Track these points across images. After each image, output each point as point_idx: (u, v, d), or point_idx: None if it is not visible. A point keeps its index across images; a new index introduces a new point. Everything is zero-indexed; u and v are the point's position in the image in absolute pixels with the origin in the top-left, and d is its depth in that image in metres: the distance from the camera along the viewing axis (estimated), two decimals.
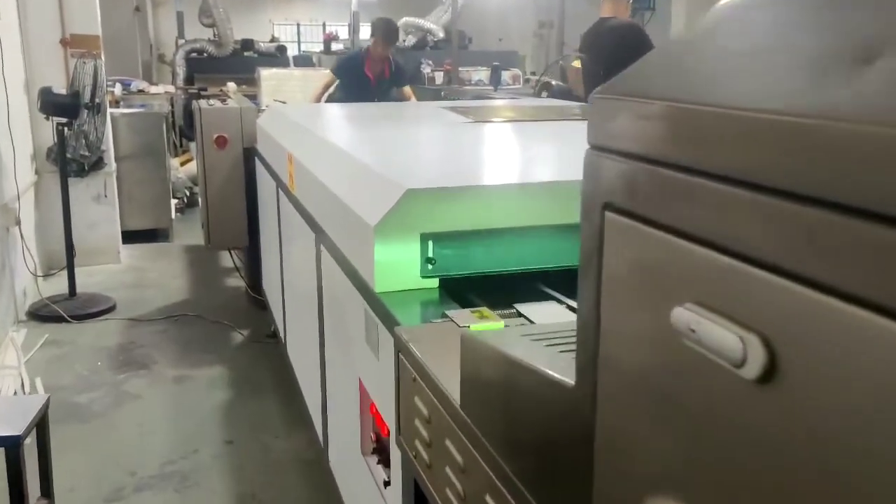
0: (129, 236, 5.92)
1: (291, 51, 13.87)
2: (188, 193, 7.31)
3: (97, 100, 4.44)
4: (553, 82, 5.34)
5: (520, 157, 2.41)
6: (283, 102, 5.22)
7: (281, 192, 3.20)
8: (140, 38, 10.90)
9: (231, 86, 5.37)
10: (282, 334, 3.52)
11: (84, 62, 4.45)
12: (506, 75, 10.36)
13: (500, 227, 1.72)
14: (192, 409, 3.36)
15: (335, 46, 13.59)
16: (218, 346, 4.08)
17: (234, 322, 4.38)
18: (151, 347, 4.03)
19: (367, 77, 5.66)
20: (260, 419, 3.27)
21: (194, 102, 4.58)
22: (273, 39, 14.39)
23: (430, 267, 1.71)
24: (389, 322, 1.61)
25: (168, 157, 6.45)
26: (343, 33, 18.45)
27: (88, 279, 5.12)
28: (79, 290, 4.72)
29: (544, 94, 5.31)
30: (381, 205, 1.71)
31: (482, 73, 10.43)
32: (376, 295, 1.69)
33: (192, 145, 8.35)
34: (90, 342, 4.10)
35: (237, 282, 5.02)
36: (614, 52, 5.40)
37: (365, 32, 12.78)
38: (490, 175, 2.01)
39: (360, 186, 1.92)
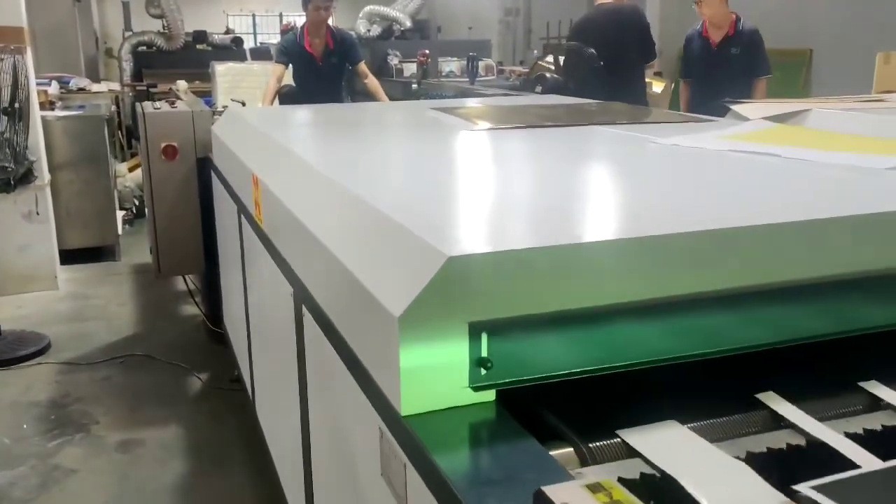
0: (70, 256, 5.21)
1: (248, 43, 13.09)
2: (137, 203, 6.59)
3: (18, 103, 3.74)
4: (547, 74, 4.76)
5: (605, 190, 1.64)
6: (242, 103, 4.56)
7: (244, 220, 2.57)
8: (82, 31, 10.07)
9: (181, 84, 4.70)
10: (248, 386, 2.88)
11: (2, 59, 3.74)
12: (453, 66, 9.79)
13: (589, 306, 1.14)
14: (142, 489, 2.72)
15: None
16: (173, 396, 3.44)
17: (191, 363, 3.73)
18: (91, 401, 3.37)
19: (310, 56, 5.04)
20: (228, 501, 2.65)
21: (137, 105, 3.91)
22: (228, 31, 13.58)
23: (483, 372, 1.11)
24: (423, 464, 1.03)
25: (112, 165, 5.73)
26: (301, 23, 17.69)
27: (18, 312, 4.42)
28: (4, 326, 4.03)
29: (538, 88, 4.73)
30: (407, 281, 1.10)
31: (453, 65, 9.84)
32: (401, 420, 1.09)
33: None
34: (15, 396, 3.42)
35: (193, 309, 4.36)
36: (618, 37, 4.86)
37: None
38: (575, 223, 1.31)
39: (369, 244, 1.31)
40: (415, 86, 7.78)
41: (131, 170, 7.02)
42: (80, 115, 5.30)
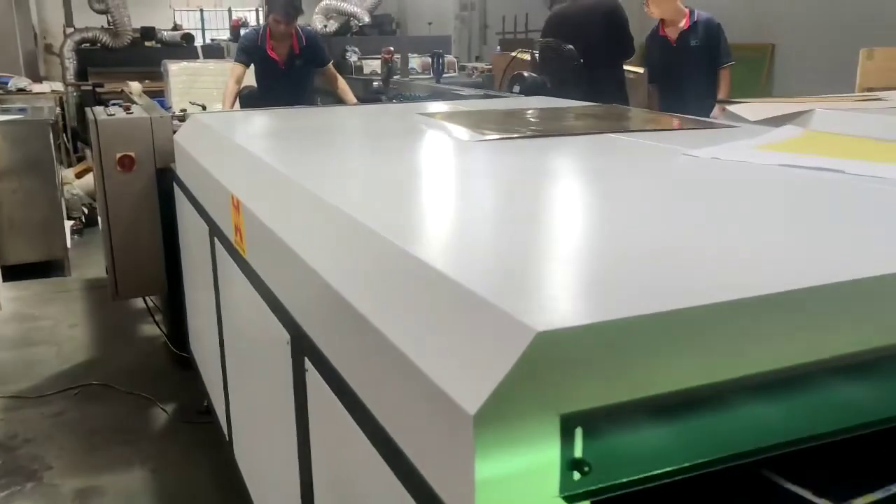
0: (13, 273, 4.81)
1: (197, 40, 12.59)
2: (86, 211, 6.18)
3: None
4: (525, 73, 4.52)
5: (697, 224, 1.29)
6: (203, 106, 4.23)
7: (218, 243, 2.28)
8: (20, 26, 9.49)
9: (135, 86, 4.34)
10: (223, 421, 2.59)
11: None
12: (415, 63, 9.52)
13: (717, 381, 0.90)
14: None
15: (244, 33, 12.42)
16: (135, 432, 3.11)
17: (154, 392, 3.41)
18: (43, 441, 3.03)
19: (272, 60, 4.73)
20: None
21: (88, 111, 3.55)
22: (176, 27, 13.06)
23: (577, 477, 0.87)
24: None
25: (58, 172, 5.32)
26: (252, 19, 17.20)
27: None
28: None
29: (516, 87, 4.49)
30: (482, 364, 0.85)
31: (415, 61, 9.56)
32: None
33: (89, 152, 7.17)
34: None
35: (153, 329, 4.02)
36: (600, 34, 4.65)
37: None
38: (694, 275, 1.00)
39: (421, 312, 1.04)
40: (376, 83, 7.49)
41: (79, 175, 6.59)
42: (21, 121, 4.90)
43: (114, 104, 5.65)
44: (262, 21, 9.60)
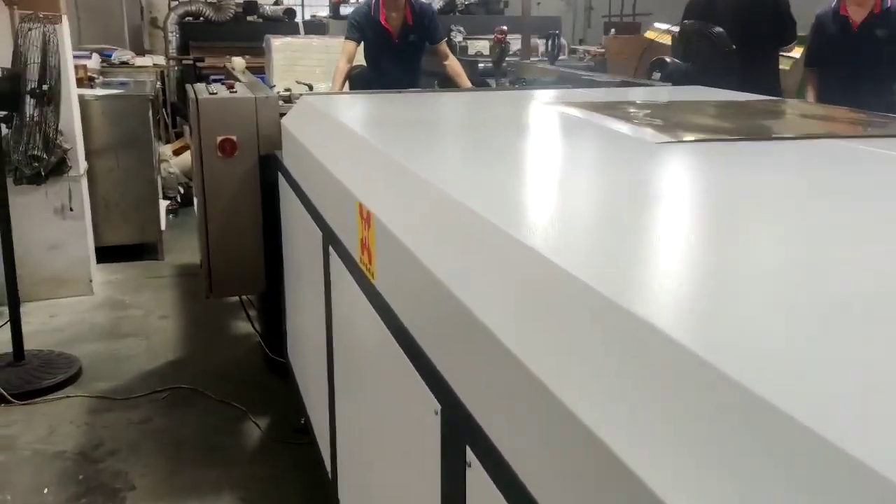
0: (107, 254, 4.61)
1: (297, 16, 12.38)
2: (182, 191, 5.98)
3: (48, 83, 3.10)
4: (667, 59, 4.00)
5: None
6: (309, 86, 3.87)
7: (334, 254, 1.90)
8: (127, 0, 9.46)
9: (238, 62, 4.03)
10: (326, 461, 2.22)
11: (30, 29, 3.10)
12: (539, 43, 9.00)
13: None
14: None
15: (345, 11, 12.13)
16: (225, 450, 2.79)
17: (245, 401, 3.09)
18: (128, 454, 2.74)
19: (385, 31, 4.33)
20: None
21: (189, 89, 3.24)
22: (277, 2, 12.90)
23: None
24: None
25: (156, 150, 5.10)
26: None
27: (48, 323, 3.83)
28: (33, 340, 3.44)
29: (656, 74, 3.97)
30: None
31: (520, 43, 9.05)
32: None
33: (188, 129, 7.00)
34: (37, 442, 2.81)
35: (247, 326, 3.72)
36: (756, 17, 4.08)
37: None
38: None
39: (661, 413, 0.59)
40: (481, 65, 7.04)
41: (176, 153, 6.41)
42: (122, 95, 4.67)
43: (214, 80, 5.40)
44: None
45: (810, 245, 1.05)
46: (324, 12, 17.07)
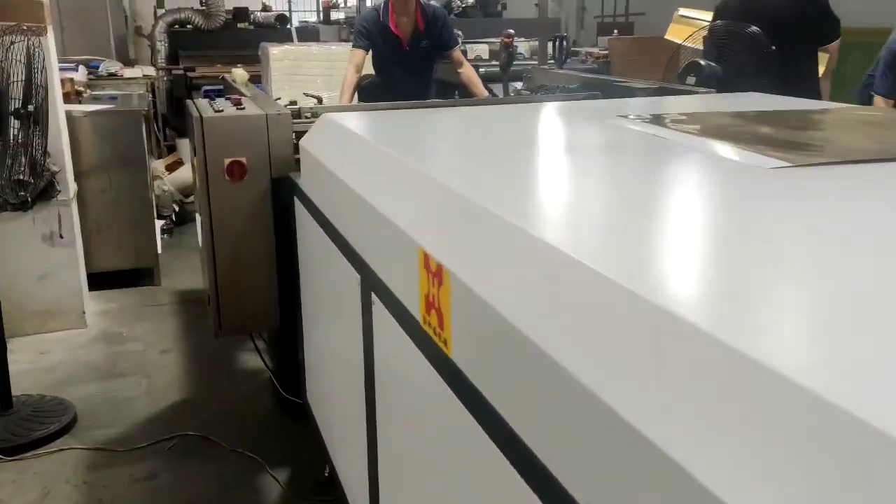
0: (100, 281, 4.29)
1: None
2: (176, 209, 5.66)
3: (33, 102, 2.79)
4: (702, 62, 3.73)
5: None
6: (318, 99, 3.58)
7: (381, 308, 1.61)
8: (111, 8, 9.12)
9: (239, 74, 3.73)
10: None
11: (12, 42, 2.79)
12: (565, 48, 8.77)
13: None
14: None
15: (335, 16, 11.83)
16: None
17: (260, 448, 2.80)
18: None
19: (396, 38, 4.05)
20: None
21: (189, 105, 2.94)
22: (265, 8, 12.58)
23: None
24: None
25: (150, 167, 4.79)
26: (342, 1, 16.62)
27: (38, 360, 3.52)
28: (22, 382, 3.14)
29: (690, 78, 3.70)
30: None
31: (523, 46, 8.79)
32: None
33: (181, 143, 6.69)
34: None
35: (255, 360, 3.42)
36: (792, 14, 3.82)
37: None
38: None
39: None
40: (482, 69, 6.76)
41: (170, 168, 6.10)
42: (113, 111, 4.36)
43: (208, 91, 5.09)
44: (359, 1, 8.91)
45: None
46: (312, 18, 16.83)
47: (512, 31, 5.96)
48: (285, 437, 2.91)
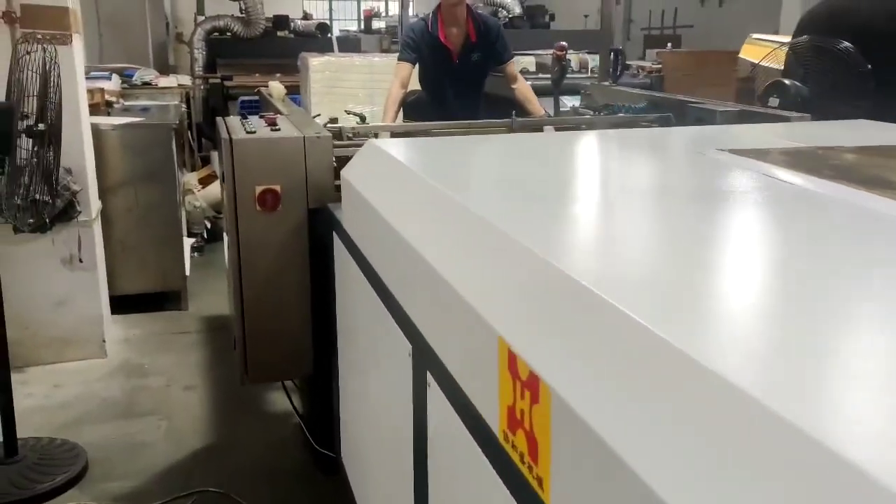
0: (123, 304, 4.03)
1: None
2: (208, 225, 5.40)
3: (47, 120, 2.52)
4: (787, 81, 3.35)
5: None
6: (361, 117, 3.27)
7: (437, 391, 1.28)
8: (151, 14, 8.97)
9: (276, 87, 3.44)
10: None
11: (28, 52, 2.52)
12: (597, 59, 8.41)
13: None
14: None
15: (377, 24, 11.59)
16: None
17: None
18: None
19: (444, 50, 3.73)
20: None
21: (220, 122, 2.65)
22: (306, 17, 12.40)
23: None
24: None
25: (180, 182, 4.53)
26: (391, 8, 16.46)
27: (51, 394, 3.25)
28: (31, 419, 2.88)
29: (773, 99, 3.33)
30: None
31: (573, 59, 8.44)
32: None
33: (215, 155, 6.44)
34: None
35: (284, 402, 3.11)
36: (891, 28, 3.43)
37: (418, 7, 10.73)
38: None
39: None
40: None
41: (203, 181, 5.84)
42: (142, 125, 4.09)
43: (245, 102, 4.80)
44: (400, 8, 8.60)
45: None
46: (353, 26, 16.68)
47: (565, 43, 5.61)
48: (315, 495, 2.59)
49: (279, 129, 2.46)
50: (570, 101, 5.45)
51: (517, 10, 8.92)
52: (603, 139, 2.23)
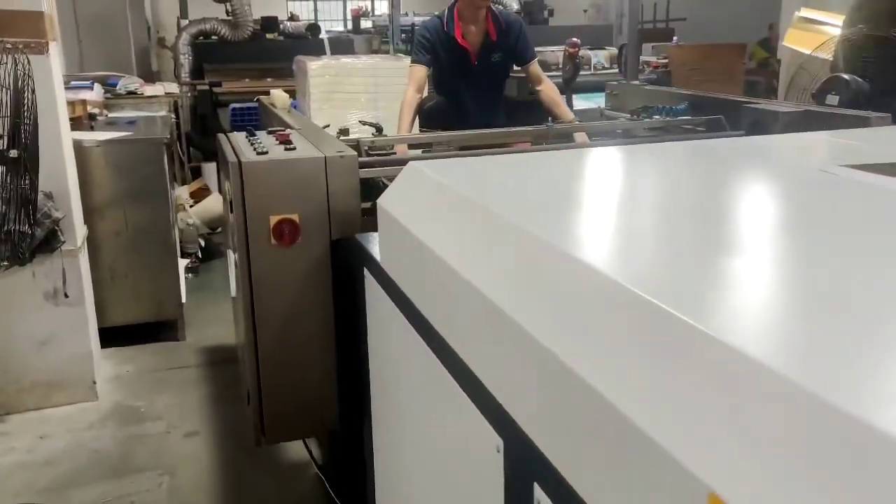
0: (115, 336, 3.67)
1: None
2: (202, 243, 5.04)
3: (23, 139, 2.16)
4: (847, 77, 3.04)
5: None
6: (378, 128, 2.92)
7: None
8: (133, 18, 8.56)
9: (279, 96, 3.09)
10: None
11: (2, 61, 2.16)
12: (601, 56, 8.11)
13: None
14: None
15: (366, 24, 11.22)
16: None
17: None
18: None
19: (462, 50, 3.40)
20: None
21: (222, 139, 2.30)
22: (292, 17, 12.01)
23: None
24: None
25: (172, 200, 4.17)
26: (378, 7, 16.10)
27: (35, 447, 2.89)
28: (11, 487, 2.51)
29: (832, 97, 3.02)
30: None
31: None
32: None
33: (207, 167, 6.08)
34: None
35: (300, 451, 2.76)
36: None
37: (407, 5, 10.35)
38: None
39: None
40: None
41: (194, 195, 5.49)
42: (130, 140, 3.73)
43: (238, 112, 4.43)
44: (391, 7, 8.16)
45: None
46: (339, 27, 16.28)
47: (577, 39, 5.29)
48: None
49: (294, 148, 2.11)
50: (582, 102, 5.13)
51: (515, 5, 8.58)
52: (690, 153, 1.88)
